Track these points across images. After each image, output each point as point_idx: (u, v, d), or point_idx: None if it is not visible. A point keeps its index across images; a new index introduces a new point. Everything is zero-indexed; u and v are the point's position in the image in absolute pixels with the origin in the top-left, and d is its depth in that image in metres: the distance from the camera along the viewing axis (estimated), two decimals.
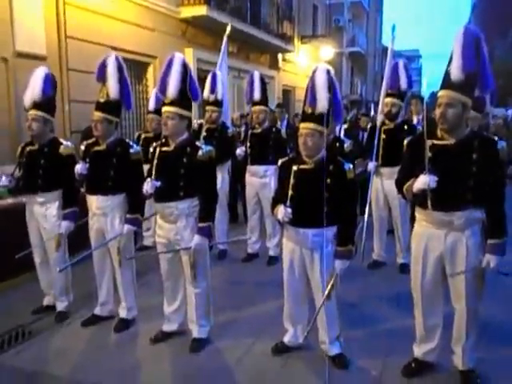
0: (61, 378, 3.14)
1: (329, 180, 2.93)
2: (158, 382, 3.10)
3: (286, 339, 3.35)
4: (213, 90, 5.23)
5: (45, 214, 3.84)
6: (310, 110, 2.97)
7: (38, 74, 3.80)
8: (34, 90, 3.74)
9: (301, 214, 2.99)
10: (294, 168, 3.05)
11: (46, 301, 4.13)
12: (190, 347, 3.42)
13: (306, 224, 3.01)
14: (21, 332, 3.74)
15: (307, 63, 15.58)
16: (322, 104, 2.92)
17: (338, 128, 5.63)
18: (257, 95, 5.20)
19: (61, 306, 4.00)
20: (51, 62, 6.09)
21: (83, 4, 6.92)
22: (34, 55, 6.11)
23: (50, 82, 3.83)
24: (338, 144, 5.02)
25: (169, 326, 3.59)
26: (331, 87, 2.99)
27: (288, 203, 3.00)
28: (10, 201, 4.70)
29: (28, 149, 3.88)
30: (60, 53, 6.62)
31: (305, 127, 2.99)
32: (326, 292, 2.97)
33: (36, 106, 3.74)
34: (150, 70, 8.68)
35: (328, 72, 3.00)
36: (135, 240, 4.06)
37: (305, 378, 3.09)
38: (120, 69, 3.64)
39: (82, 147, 3.81)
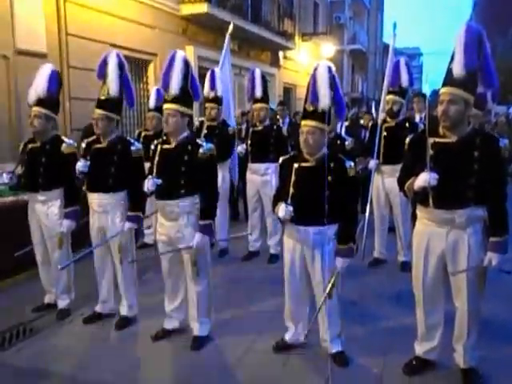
0: (62, 376, 3.14)
1: (330, 178, 2.92)
2: (159, 379, 3.10)
3: (287, 337, 3.35)
4: (212, 87, 5.22)
5: (47, 213, 3.84)
6: (311, 108, 2.96)
7: (44, 71, 3.79)
8: (38, 86, 3.73)
9: (302, 212, 2.98)
10: (295, 166, 3.04)
11: (47, 298, 4.13)
12: (191, 345, 3.42)
13: (307, 222, 3.00)
14: (22, 330, 3.74)
15: (308, 61, 15.55)
16: (324, 101, 2.91)
17: (339, 126, 5.63)
18: (258, 93, 5.18)
19: (62, 303, 4.00)
20: (52, 60, 6.07)
21: (83, 1, 6.90)
22: (35, 53, 6.10)
23: (55, 80, 3.82)
24: (338, 142, 5.02)
25: (170, 324, 3.59)
26: (333, 84, 2.98)
27: (289, 201, 3.00)
28: (10, 198, 4.71)
29: (30, 146, 3.87)
30: (60, 50, 6.62)
31: (306, 125, 2.98)
32: (327, 290, 2.97)
33: (39, 102, 3.73)
34: (151, 67, 8.67)
35: (330, 69, 2.98)
36: (136, 238, 4.06)
37: (306, 375, 3.08)
38: (121, 66, 3.63)
39: (83, 145, 3.80)
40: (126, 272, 3.76)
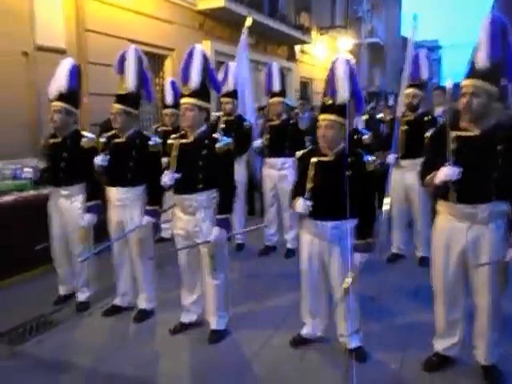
0: (81, 367, 3.19)
1: (348, 172, 2.89)
2: (177, 372, 3.12)
3: (304, 332, 3.34)
4: (223, 82, 5.19)
5: (69, 208, 3.87)
6: (329, 101, 2.94)
7: (65, 66, 3.81)
8: (59, 81, 3.76)
9: (320, 207, 2.96)
10: (314, 160, 3.02)
11: (63, 290, 4.16)
12: (209, 338, 3.44)
13: (325, 217, 2.98)
14: (42, 322, 3.81)
15: (325, 55, 15.42)
16: (342, 94, 2.88)
17: (355, 120, 5.57)
18: (276, 87, 5.15)
19: (82, 296, 4.05)
20: (70, 56, 6.11)
21: None
22: (54, 49, 6.16)
23: (75, 74, 3.84)
24: (356, 136, 4.97)
25: (187, 318, 3.61)
26: (351, 77, 2.94)
27: (307, 195, 2.98)
28: (32, 192, 4.78)
29: (52, 141, 3.91)
30: (79, 46, 6.67)
31: (325, 119, 2.95)
32: (345, 285, 2.95)
33: (60, 97, 3.76)
34: (168, 62, 8.68)
35: (348, 62, 2.95)
36: (153, 232, 4.08)
37: (323, 370, 3.08)
38: (140, 61, 3.65)
39: (102, 139, 3.83)
40: (144, 265, 3.78)
